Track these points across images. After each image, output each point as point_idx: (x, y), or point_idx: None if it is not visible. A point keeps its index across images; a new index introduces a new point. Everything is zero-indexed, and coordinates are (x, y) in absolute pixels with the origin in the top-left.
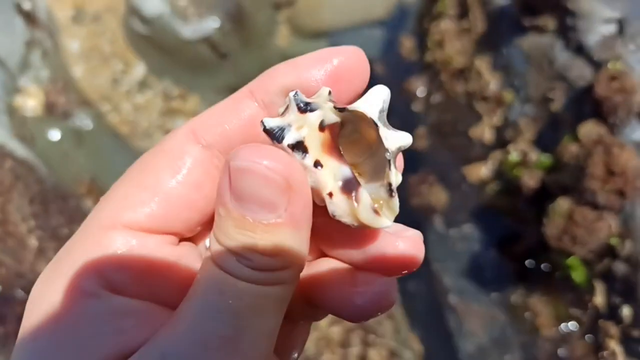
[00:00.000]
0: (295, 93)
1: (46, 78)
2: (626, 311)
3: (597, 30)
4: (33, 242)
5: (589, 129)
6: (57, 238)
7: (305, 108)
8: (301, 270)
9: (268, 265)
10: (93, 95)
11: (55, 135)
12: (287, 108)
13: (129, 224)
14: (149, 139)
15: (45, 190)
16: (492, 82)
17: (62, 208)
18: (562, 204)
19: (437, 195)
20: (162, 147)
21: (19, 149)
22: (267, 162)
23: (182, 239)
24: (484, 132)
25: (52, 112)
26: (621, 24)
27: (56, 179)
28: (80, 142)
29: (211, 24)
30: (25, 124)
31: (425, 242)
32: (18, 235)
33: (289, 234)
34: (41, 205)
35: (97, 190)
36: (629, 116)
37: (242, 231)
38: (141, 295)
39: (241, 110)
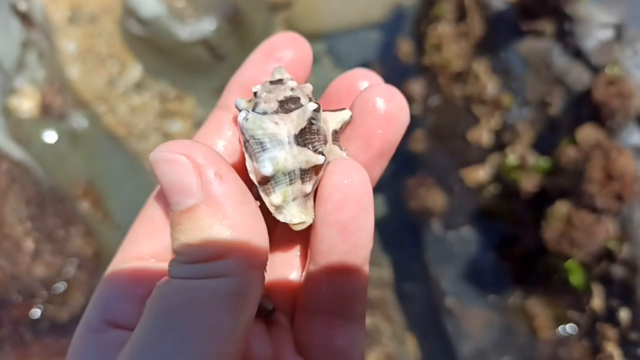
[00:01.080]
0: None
1: (42, 79)
2: (624, 314)
3: (595, 35)
4: (29, 244)
5: (587, 133)
6: (53, 240)
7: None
8: (259, 261)
9: (196, 256)
10: (89, 96)
11: (51, 136)
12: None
13: (139, 255)
14: (145, 141)
15: (41, 192)
16: (490, 86)
17: (58, 210)
18: (561, 207)
19: (435, 198)
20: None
21: (15, 151)
22: (168, 147)
23: None
24: (482, 135)
25: (48, 113)
26: (619, 29)
27: (52, 180)
28: (76, 144)
29: (208, 25)
30: (21, 126)
31: (423, 245)
32: (14, 237)
33: (210, 215)
34: (38, 207)
35: (94, 192)
36: (626, 120)
37: (175, 227)
38: None
39: (224, 129)
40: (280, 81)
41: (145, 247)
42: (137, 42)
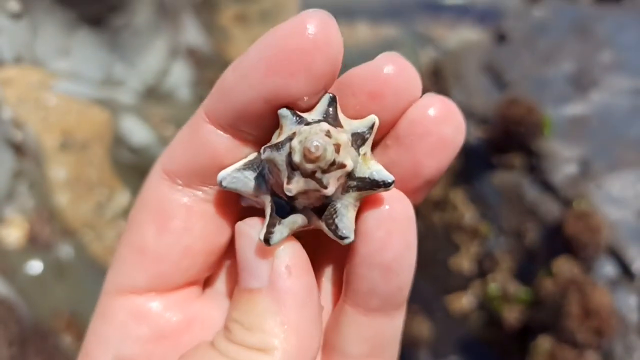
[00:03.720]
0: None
1: (31, 208)
2: None
3: (561, 169)
4: None
5: (562, 266)
6: None
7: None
8: None
9: (242, 340)
10: (76, 223)
11: (36, 267)
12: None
13: (131, 289)
14: None
15: (24, 330)
16: (467, 215)
17: (40, 348)
18: (543, 342)
19: (421, 327)
20: (142, 200)
21: (0, 286)
22: (254, 222)
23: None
24: (463, 262)
25: (35, 243)
26: (583, 164)
27: (35, 314)
28: (61, 274)
29: None
30: (7, 257)
31: None
32: None
33: (268, 305)
34: (19, 347)
35: (77, 325)
36: (597, 253)
37: (234, 302)
38: None
39: (203, 141)
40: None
41: (138, 280)
42: (126, 169)
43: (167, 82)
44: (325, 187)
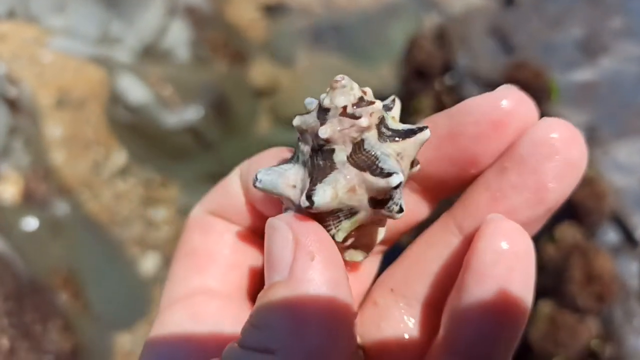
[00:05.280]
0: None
1: (27, 165)
2: None
3: None
4: (4, 342)
5: (565, 232)
6: (30, 337)
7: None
8: None
9: (246, 342)
10: (73, 182)
11: (32, 224)
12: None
13: (187, 292)
14: (128, 228)
15: (20, 285)
16: None
17: (37, 303)
18: (544, 307)
19: None
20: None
21: None
22: (285, 218)
23: None
24: None
25: (30, 200)
26: (590, 130)
27: (32, 271)
28: (57, 232)
29: (194, 113)
30: (2, 213)
31: None
32: None
33: (284, 296)
34: (16, 302)
35: (74, 282)
36: (601, 219)
37: (258, 297)
38: None
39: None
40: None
41: (193, 282)
42: (123, 128)
43: (165, 41)
44: (359, 117)
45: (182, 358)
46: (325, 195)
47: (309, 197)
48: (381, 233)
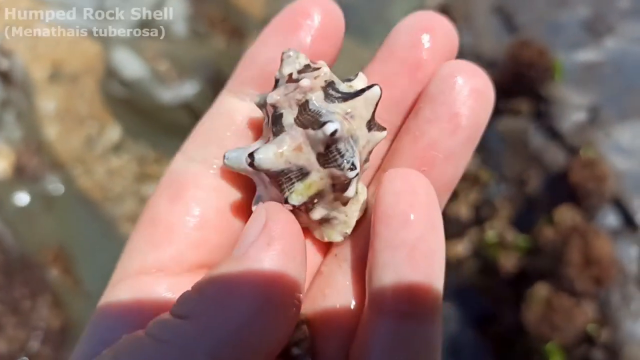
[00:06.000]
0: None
1: (19, 139)
2: None
3: (570, 116)
4: None
5: (564, 214)
6: (18, 312)
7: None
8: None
9: (177, 307)
10: (66, 157)
11: (23, 199)
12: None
13: (140, 268)
14: (121, 205)
15: (10, 260)
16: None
17: (27, 278)
18: (541, 289)
19: None
20: (160, 182)
21: None
22: (270, 205)
23: None
24: (461, 209)
25: (22, 174)
26: (593, 112)
27: (22, 246)
28: (49, 207)
29: (190, 89)
30: None
31: None
32: None
33: (229, 270)
34: (5, 276)
35: (65, 258)
36: (601, 202)
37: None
38: None
39: (222, 111)
40: (307, 68)
41: (149, 256)
42: (118, 103)
43: (162, 15)
44: (299, 80)
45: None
46: (267, 153)
47: (250, 155)
48: (357, 210)
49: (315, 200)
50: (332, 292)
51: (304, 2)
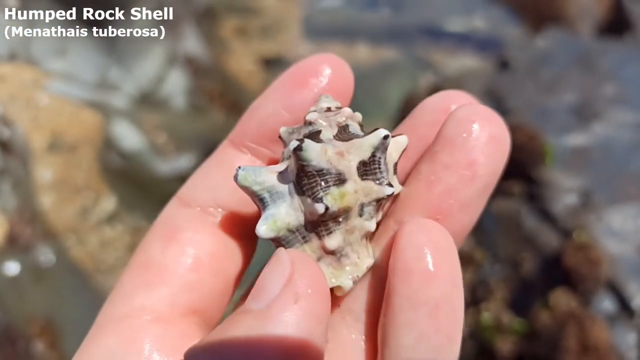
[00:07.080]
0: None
1: (14, 208)
2: None
3: (562, 199)
4: None
5: (559, 298)
6: None
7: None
8: None
9: None
10: (59, 227)
11: (13, 268)
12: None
13: (128, 310)
14: (112, 278)
15: None
16: None
17: (9, 354)
18: None
19: None
20: (152, 226)
21: None
22: (293, 252)
23: None
24: None
25: (14, 243)
26: (584, 195)
27: (8, 318)
28: (39, 278)
29: (187, 161)
30: None
31: None
32: None
33: (249, 326)
34: None
35: (51, 332)
36: (596, 287)
37: (231, 315)
38: None
39: (229, 168)
40: (329, 110)
41: (137, 299)
42: (115, 174)
43: (162, 89)
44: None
45: None
46: (315, 147)
47: (300, 140)
48: (369, 256)
49: (340, 219)
50: (336, 347)
51: (313, 60)
